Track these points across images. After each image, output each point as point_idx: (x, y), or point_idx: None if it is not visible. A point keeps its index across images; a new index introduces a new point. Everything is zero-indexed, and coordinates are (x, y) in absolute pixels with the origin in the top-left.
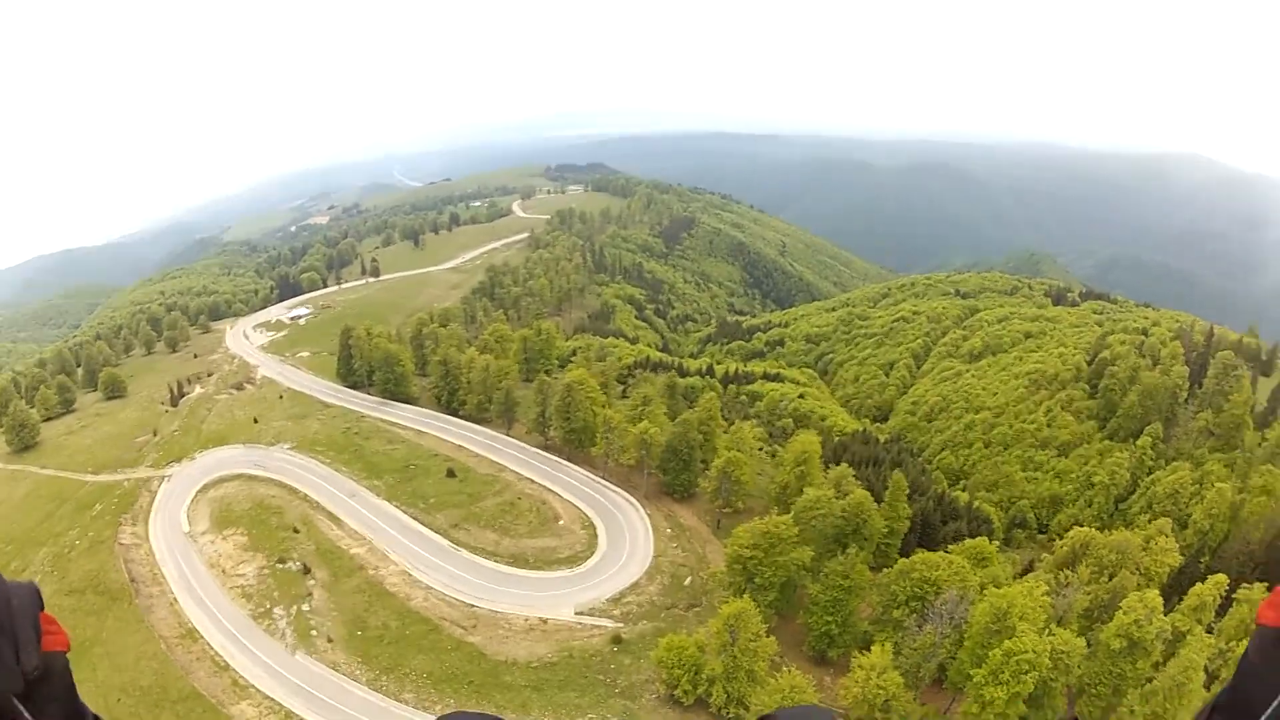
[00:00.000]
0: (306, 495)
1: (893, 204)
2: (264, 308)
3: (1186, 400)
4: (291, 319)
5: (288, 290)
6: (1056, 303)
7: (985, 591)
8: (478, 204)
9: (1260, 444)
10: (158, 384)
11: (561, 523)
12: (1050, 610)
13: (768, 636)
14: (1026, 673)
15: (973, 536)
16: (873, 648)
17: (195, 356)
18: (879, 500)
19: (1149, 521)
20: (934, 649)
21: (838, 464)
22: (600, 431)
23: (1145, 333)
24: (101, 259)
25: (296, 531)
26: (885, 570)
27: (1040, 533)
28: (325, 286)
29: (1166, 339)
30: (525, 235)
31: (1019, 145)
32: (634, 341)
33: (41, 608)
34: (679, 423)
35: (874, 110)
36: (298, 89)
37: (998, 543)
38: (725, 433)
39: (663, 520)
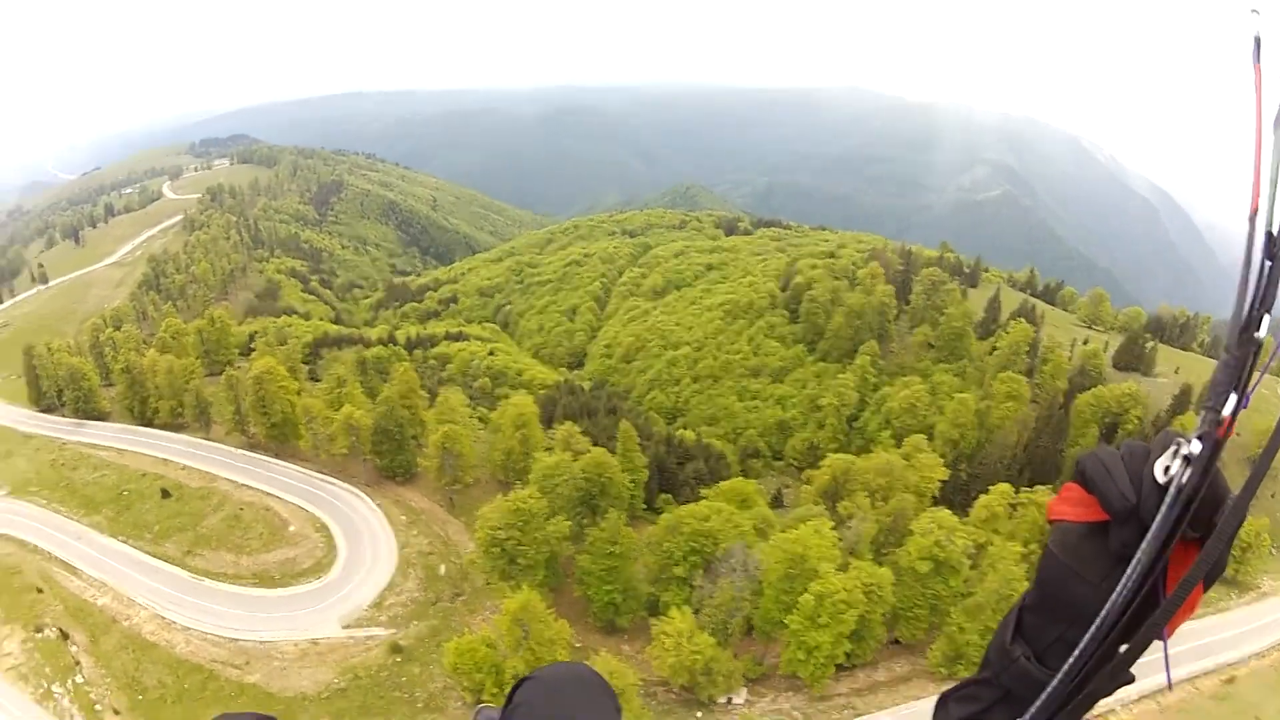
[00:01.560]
0: (37, 547)
1: (537, 150)
2: None
3: (897, 317)
4: None
5: None
6: (729, 234)
7: (772, 539)
8: (129, 190)
9: (992, 352)
10: None
11: (293, 529)
12: (839, 544)
13: (556, 621)
14: (844, 612)
15: (712, 474)
16: (671, 612)
17: None
18: (610, 453)
19: (891, 437)
20: (735, 603)
21: (549, 421)
22: (303, 423)
23: (833, 255)
24: None
25: (40, 591)
26: (651, 528)
27: (776, 460)
28: (0, 301)
29: (859, 261)
30: (180, 218)
31: (666, 87)
32: (307, 317)
33: None
34: (382, 402)
35: (511, 62)
36: None
37: (752, 481)
38: (430, 405)
39: (394, 508)
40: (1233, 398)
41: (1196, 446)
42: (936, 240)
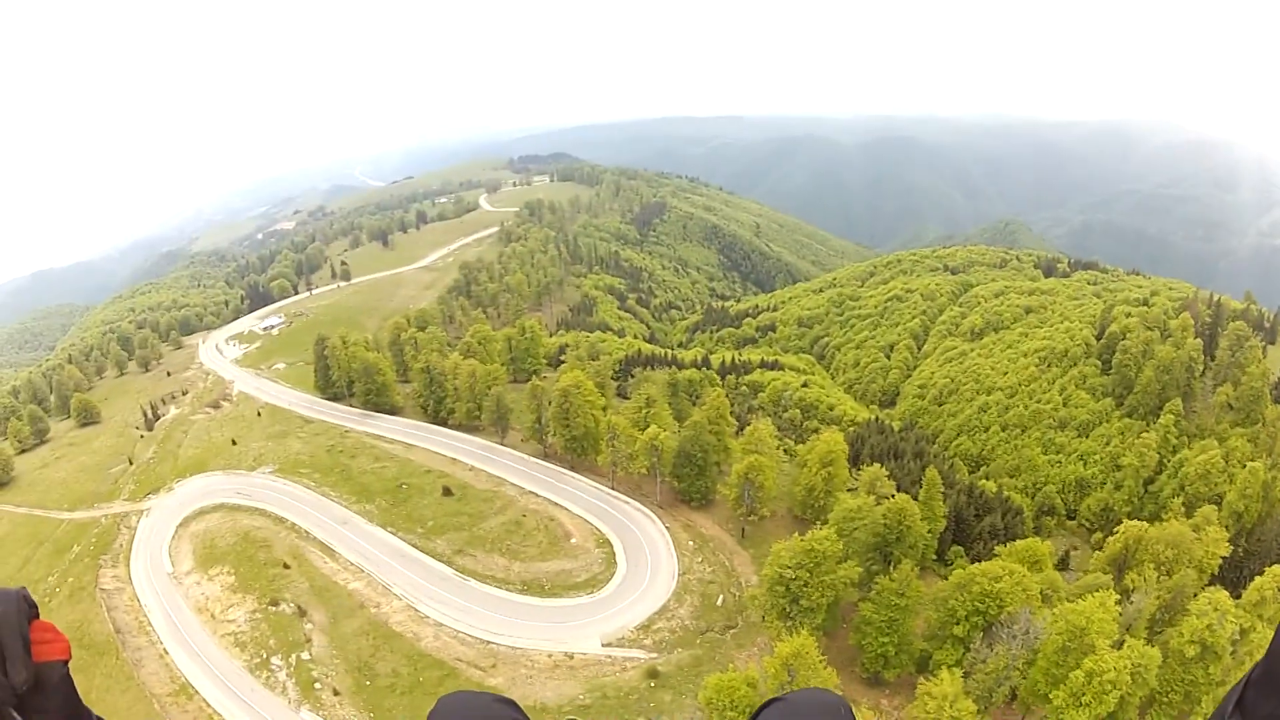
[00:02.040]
0: (294, 525)
1: (859, 179)
2: (235, 319)
3: (1203, 374)
4: (264, 329)
5: (258, 299)
6: (1048, 274)
7: (1057, 608)
8: (444, 200)
9: None
10: (131, 406)
11: (574, 541)
12: (1119, 618)
13: (825, 668)
14: (1109, 692)
15: (1007, 530)
16: (941, 673)
17: (169, 374)
18: (914, 498)
19: (1182, 505)
20: (1007, 671)
21: (856, 459)
22: (605, 439)
23: (1146, 303)
24: (72, 278)
25: (287, 567)
26: (940, 583)
27: (1069, 518)
28: (296, 293)
29: (1171, 310)
30: (495, 229)
31: (982, 118)
32: (621, 334)
33: (34, 616)
34: (689, 425)
35: (831, 89)
36: (253, 96)
37: (1046, 542)
38: (738, 433)
39: (682, 532)
40: None
41: None
42: (1238, 287)
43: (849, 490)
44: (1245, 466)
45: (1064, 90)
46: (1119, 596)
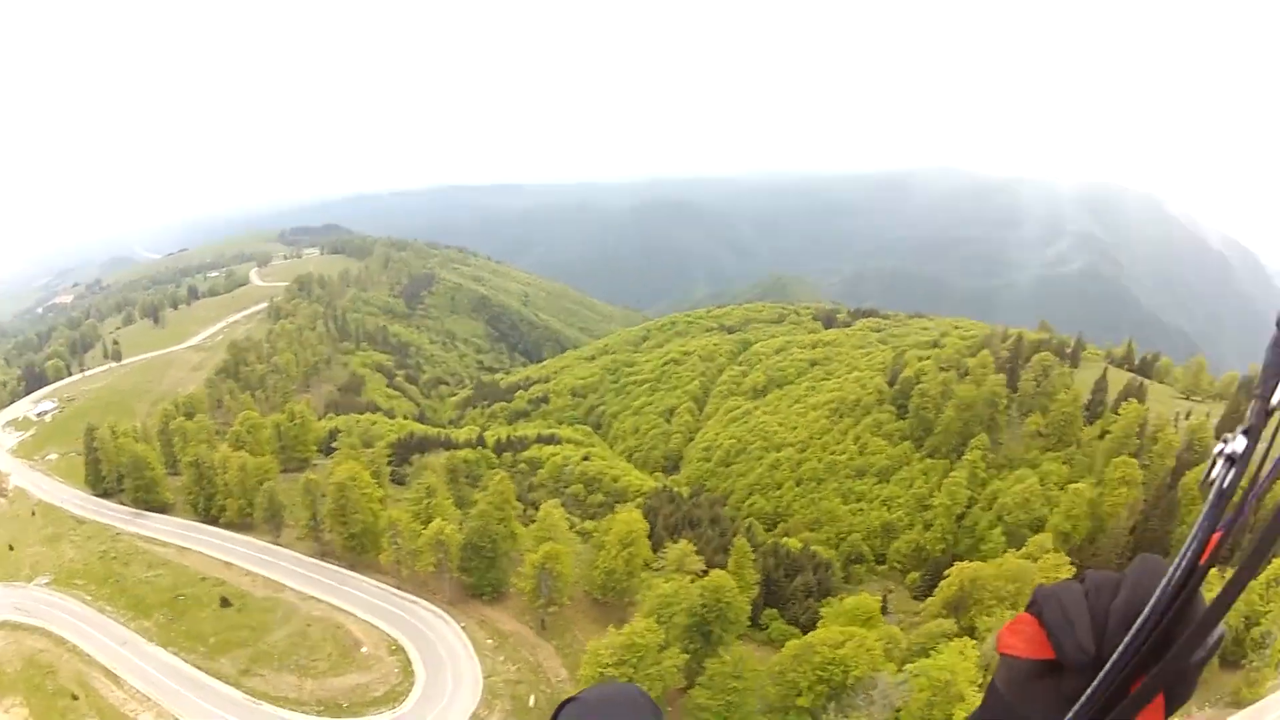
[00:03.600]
0: (76, 648)
1: (627, 244)
2: (12, 402)
3: (1007, 407)
4: (38, 415)
5: (34, 381)
6: (828, 325)
7: (915, 664)
8: (215, 274)
9: (1102, 436)
10: None
11: (365, 650)
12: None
13: None
14: None
15: (821, 585)
16: None
17: None
18: (722, 568)
19: (1003, 534)
20: None
21: (651, 532)
22: (386, 535)
23: (937, 344)
24: None
25: (75, 698)
26: (773, 656)
27: (879, 563)
28: (70, 374)
29: (965, 349)
30: (265, 305)
31: (753, 176)
32: (390, 414)
33: None
34: (475, 515)
35: (605, 154)
36: (39, 163)
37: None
38: (524, 516)
39: (479, 630)
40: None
41: (1241, 443)
42: (1023, 318)
43: (654, 570)
44: (1065, 489)
45: (842, 144)
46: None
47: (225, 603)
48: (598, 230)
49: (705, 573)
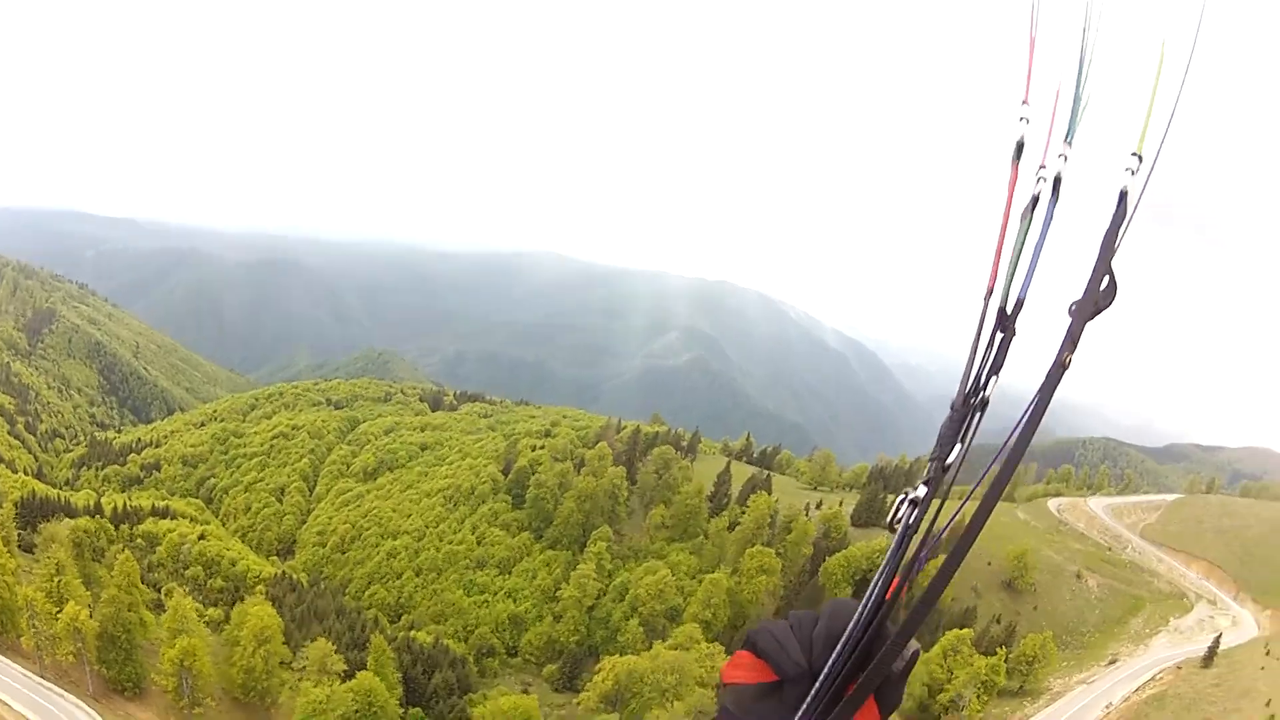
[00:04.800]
0: None
1: (237, 300)
2: None
3: (628, 498)
4: None
5: None
6: (434, 407)
7: None
8: None
9: (732, 527)
10: None
11: None
12: None
13: None
14: None
15: (460, 682)
16: None
17: None
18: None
19: (639, 625)
20: None
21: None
22: (24, 616)
23: (549, 434)
24: None
25: None
26: None
27: (511, 656)
28: None
29: (578, 440)
30: None
31: (363, 242)
32: (13, 468)
33: None
34: (107, 602)
35: (221, 202)
36: None
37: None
38: (150, 601)
39: None
40: (957, 448)
41: (922, 490)
42: (629, 409)
43: (293, 669)
44: (697, 579)
45: (453, 220)
46: None
47: None
48: (208, 282)
49: (349, 674)
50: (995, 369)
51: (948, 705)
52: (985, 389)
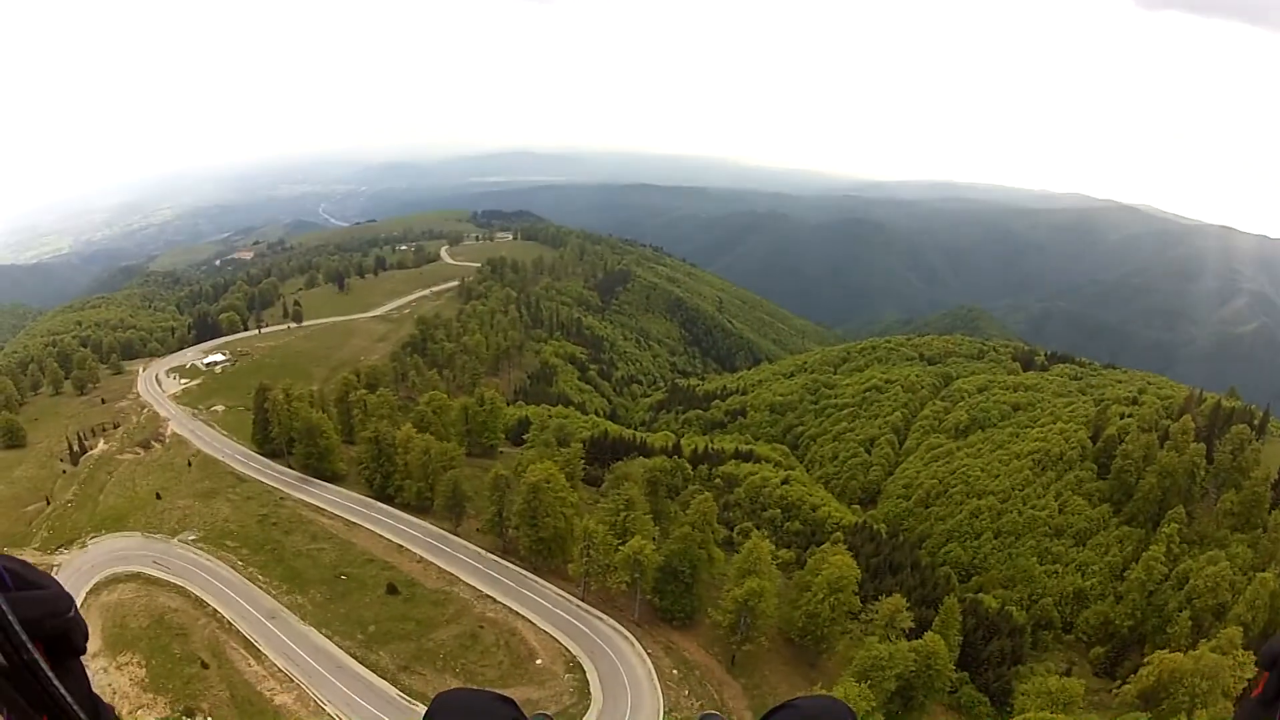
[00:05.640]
0: (216, 612)
1: (816, 260)
2: (180, 349)
3: (1203, 479)
4: (207, 365)
5: (206, 331)
6: (1026, 367)
7: None
8: (404, 248)
9: None
10: (60, 433)
11: (540, 662)
12: None
13: None
14: None
15: (1015, 653)
16: None
17: (103, 401)
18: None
19: (1188, 618)
20: None
21: None
22: (579, 545)
23: (1136, 401)
24: (28, 279)
25: (205, 666)
26: None
27: (1065, 632)
28: (245, 328)
29: (1163, 410)
30: (455, 284)
31: (943, 198)
32: (583, 409)
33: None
34: (677, 539)
35: (792, 165)
36: (223, 118)
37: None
38: (723, 541)
39: (665, 657)
40: None
41: None
42: (1196, 375)
43: (857, 619)
44: (1249, 575)
45: (1035, 173)
46: None
47: (392, 589)
48: (786, 244)
49: (914, 631)
50: None
51: None
52: None
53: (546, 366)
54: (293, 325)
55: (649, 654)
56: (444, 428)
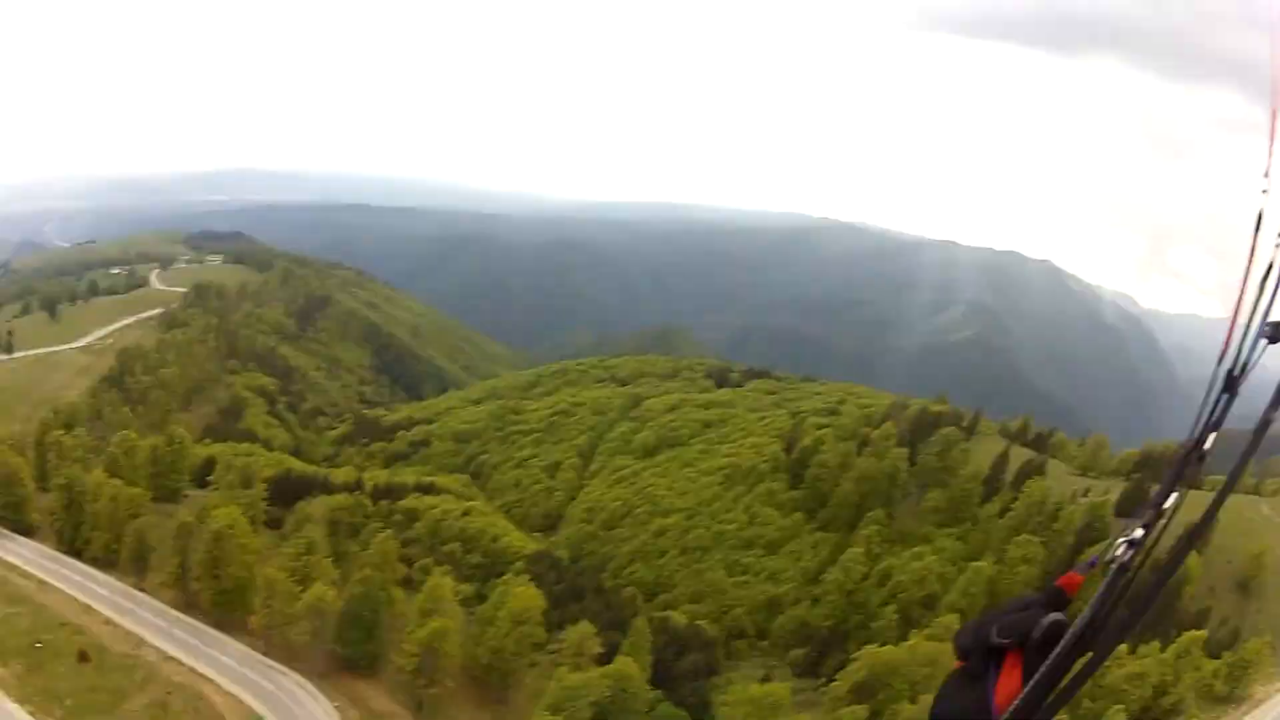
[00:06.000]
0: None
1: (520, 280)
2: None
3: (905, 480)
4: None
5: None
6: (720, 384)
7: None
8: (116, 271)
9: (1003, 514)
10: None
11: None
12: None
13: None
14: None
15: (708, 665)
16: None
17: None
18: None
19: (895, 613)
20: None
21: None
22: (261, 596)
23: (834, 411)
24: None
25: None
26: None
27: (760, 639)
28: None
29: (863, 420)
30: (159, 311)
31: (659, 218)
32: (269, 446)
33: None
34: (359, 582)
35: (502, 184)
36: None
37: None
38: (403, 580)
39: (351, 709)
40: (1173, 496)
41: (1139, 533)
42: (906, 385)
43: (545, 650)
44: (959, 566)
45: (748, 191)
46: None
47: (83, 657)
48: (494, 264)
49: (605, 656)
50: (1214, 426)
51: (1169, 709)
52: (1205, 445)
53: (236, 400)
54: (3, 357)
55: (335, 707)
56: (133, 470)
